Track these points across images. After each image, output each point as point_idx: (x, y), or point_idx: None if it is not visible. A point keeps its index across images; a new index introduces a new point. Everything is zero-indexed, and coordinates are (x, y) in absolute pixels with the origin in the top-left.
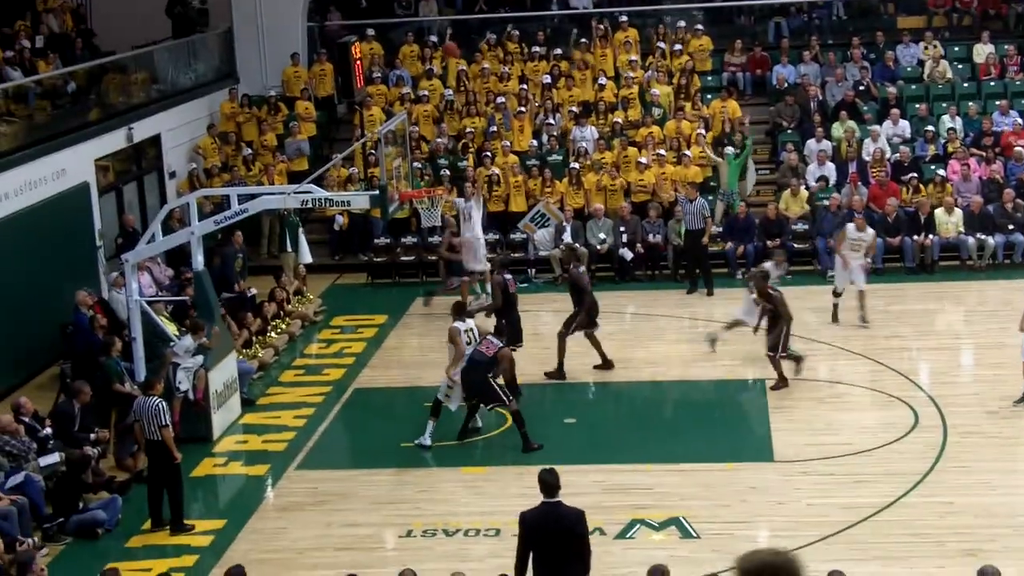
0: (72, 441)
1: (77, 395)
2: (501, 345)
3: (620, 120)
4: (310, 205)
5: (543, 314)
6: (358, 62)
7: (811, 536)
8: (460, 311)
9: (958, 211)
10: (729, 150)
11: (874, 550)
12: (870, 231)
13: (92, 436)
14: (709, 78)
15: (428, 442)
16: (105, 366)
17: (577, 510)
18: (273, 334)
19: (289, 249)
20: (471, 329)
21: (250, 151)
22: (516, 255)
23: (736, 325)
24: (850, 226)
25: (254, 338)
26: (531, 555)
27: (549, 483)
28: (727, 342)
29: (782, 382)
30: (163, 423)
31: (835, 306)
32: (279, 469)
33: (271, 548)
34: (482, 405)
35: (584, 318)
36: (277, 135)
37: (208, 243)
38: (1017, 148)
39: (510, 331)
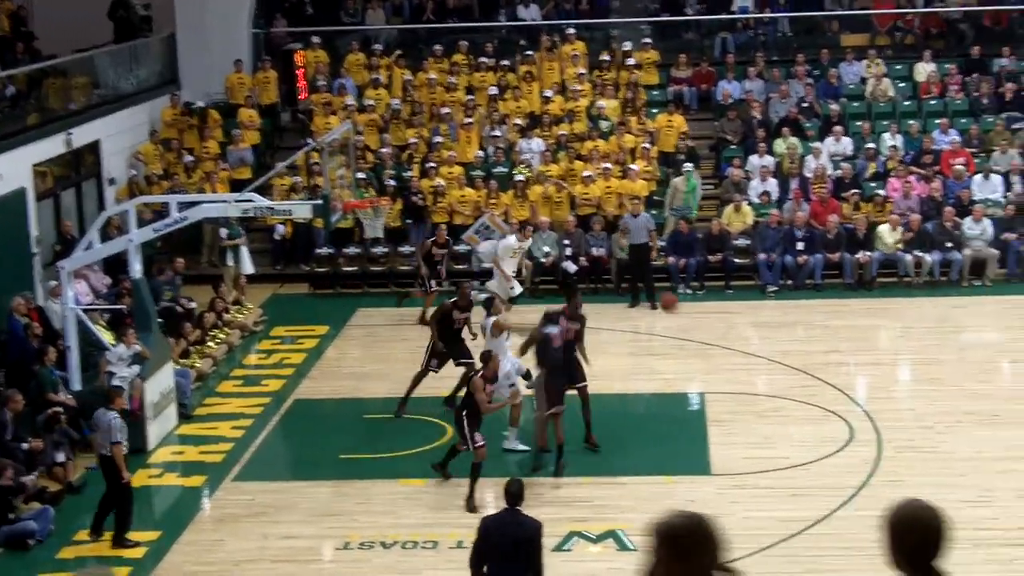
0: (4, 451)
1: (7, 403)
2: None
3: (566, 132)
4: (252, 214)
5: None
6: (302, 70)
7: (748, 549)
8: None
9: (902, 227)
10: (688, 166)
11: (809, 563)
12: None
13: (24, 446)
14: (655, 92)
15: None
16: (39, 375)
17: (536, 521)
18: (212, 344)
19: (230, 263)
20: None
21: (191, 158)
22: (460, 267)
23: None
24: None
25: (191, 348)
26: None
27: (512, 492)
28: (667, 356)
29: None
30: (115, 440)
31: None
32: (216, 480)
33: (207, 561)
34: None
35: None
36: (220, 143)
37: (147, 251)
38: (957, 167)
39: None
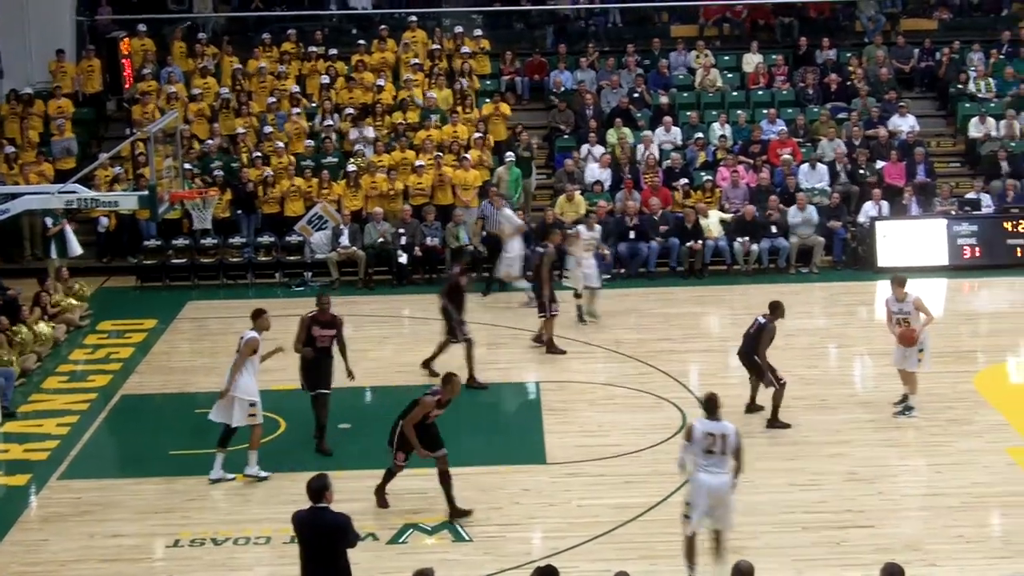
0: None
1: None
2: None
3: (401, 121)
4: (76, 206)
5: None
6: (127, 59)
7: (582, 536)
8: None
9: (714, 213)
10: (510, 155)
11: (642, 549)
12: (598, 228)
13: None
14: (488, 82)
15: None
16: None
17: (342, 517)
18: (39, 332)
19: (54, 256)
20: None
21: (13, 149)
22: (292, 258)
23: None
24: (582, 227)
25: (9, 343)
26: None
27: (313, 488)
28: (505, 345)
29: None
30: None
31: (579, 307)
32: (41, 479)
33: (32, 561)
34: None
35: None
36: (41, 133)
37: None
38: (785, 156)
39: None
